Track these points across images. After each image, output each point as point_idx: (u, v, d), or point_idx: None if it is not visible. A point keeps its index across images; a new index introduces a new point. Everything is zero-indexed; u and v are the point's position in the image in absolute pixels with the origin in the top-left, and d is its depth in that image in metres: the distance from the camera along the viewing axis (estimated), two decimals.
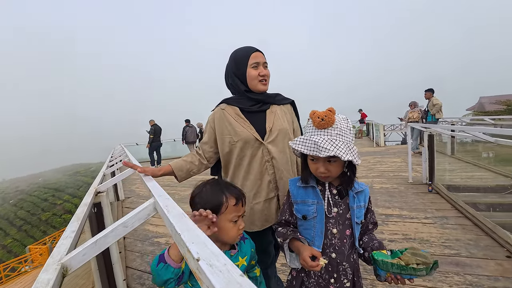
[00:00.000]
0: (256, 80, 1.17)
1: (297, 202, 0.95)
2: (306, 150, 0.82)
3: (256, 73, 1.15)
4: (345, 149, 0.78)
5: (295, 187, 0.96)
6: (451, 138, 6.03)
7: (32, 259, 10.94)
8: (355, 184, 0.92)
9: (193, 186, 0.98)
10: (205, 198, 0.87)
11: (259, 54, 1.17)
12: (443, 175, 4.51)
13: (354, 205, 0.89)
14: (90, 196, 1.41)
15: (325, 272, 0.90)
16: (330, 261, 0.89)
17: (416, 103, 7.32)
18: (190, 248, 0.39)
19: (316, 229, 0.89)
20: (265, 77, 1.17)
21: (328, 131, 0.82)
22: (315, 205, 0.90)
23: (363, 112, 13.36)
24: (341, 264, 0.90)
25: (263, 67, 1.17)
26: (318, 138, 0.81)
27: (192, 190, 0.95)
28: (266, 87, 1.20)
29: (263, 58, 1.18)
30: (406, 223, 2.71)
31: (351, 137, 0.85)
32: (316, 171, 0.86)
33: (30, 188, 31.33)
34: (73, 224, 0.94)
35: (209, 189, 0.90)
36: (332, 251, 0.89)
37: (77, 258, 0.67)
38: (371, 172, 5.20)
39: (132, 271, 2.37)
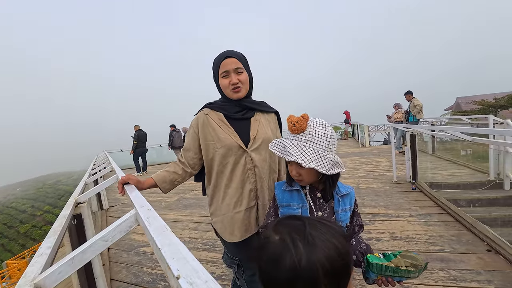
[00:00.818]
0: (228, 89, 1.13)
1: (282, 205, 0.94)
2: (277, 152, 0.85)
3: (226, 82, 1.12)
4: (311, 156, 0.79)
5: (280, 191, 0.96)
6: (432, 138, 6.27)
7: (10, 274, 10.32)
8: (340, 187, 0.92)
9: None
10: None
11: (229, 61, 1.10)
12: (425, 173, 4.68)
13: (339, 209, 0.89)
14: (69, 207, 1.35)
15: None
16: None
17: (399, 104, 7.62)
18: (170, 265, 0.37)
19: None
20: (237, 84, 1.12)
21: (299, 137, 0.84)
22: (300, 208, 0.90)
23: (347, 111, 13.57)
24: None
25: (234, 74, 1.11)
26: (288, 142, 0.84)
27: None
28: (240, 93, 1.14)
29: (235, 64, 1.10)
30: (392, 221, 2.77)
31: (327, 145, 0.82)
32: (291, 174, 0.89)
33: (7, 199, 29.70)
34: (49, 240, 0.89)
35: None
36: None
37: (52, 277, 0.63)
38: (358, 173, 5.30)
39: (117, 283, 2.27)
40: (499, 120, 4.70)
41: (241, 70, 1.12)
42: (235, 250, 1.20)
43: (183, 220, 3.73)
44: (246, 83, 1.14)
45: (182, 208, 4.30)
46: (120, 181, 1.08)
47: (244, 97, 1.18)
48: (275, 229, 0.52)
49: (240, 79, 1.12)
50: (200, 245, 2.80)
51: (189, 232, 3.23)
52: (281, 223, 0.55)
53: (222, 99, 1.22)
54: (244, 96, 1.17)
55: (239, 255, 1.21)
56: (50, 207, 25.83)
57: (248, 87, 1.17)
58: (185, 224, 3.54)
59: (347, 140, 13.33)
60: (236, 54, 1.12)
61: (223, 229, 1.17)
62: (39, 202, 27.32)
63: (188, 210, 4.18)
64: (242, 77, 1.12)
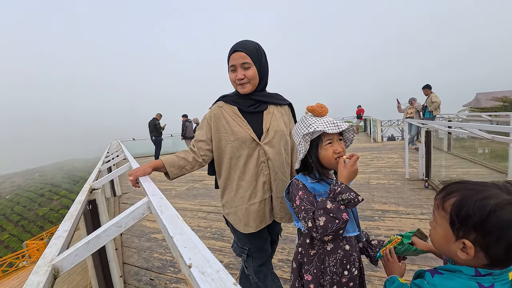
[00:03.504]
0: (235, 84, 1.13)
1: (320, 193, 0.92)
2: (331, 130, 0.88)
3: (233, 77, 1.11)
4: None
5: (309, 184, 0.93)
6: (448, 134, 6.06)
7: (29, 254, 10.93)
8: None
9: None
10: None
11: (237, 55, 1.08)
12: (439, 171, 4.54)
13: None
14: (84, 193, 1.39)
15: (340, 265, 0.89)
16: (345, 253, 0.89)
17: (414, 100, 7.34)
18: (182, 253, 0.37)
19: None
20: (243, 80, 1.10)
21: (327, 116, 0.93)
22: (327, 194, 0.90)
23: (361, 108, 13.36)
24: (352, 255, 0.91)
25: (241, 69, 1.09)
26: (328, 119, 0.91)
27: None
28: (246, 89, 1.12)
29: (242, 58, 1.07)
30: (402, 218, 2.72)
31: None
32: (334, 154, 0.89)
33: (26, 183, 31.15)
34: (66, 223, 0.92)
35: None
36: (346, 243, 0.90)
37: (69, 259, 0.66)
38: (368, 168, 5.22)
39: (129, 267, 2.37)
40: None
41: (248, 65, 1.08)
42: (245, 240, 1.22)
43: (193, 209, 3.81)
44: (253, 78, 1.11)
45: (191, 198, 4.38)
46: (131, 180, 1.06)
47: (257, 90, 1.17)
48: (510, 193, 0.53)
49: (246, 75, 1.09)
50: (208, 234, 2.86)
51: (198, 221, 3.29)
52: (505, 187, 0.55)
53: (235, 92, 1.22)
54: (252, 91, 1.15)
55: (249, 245, 1.23)
56: (67, 192, 26.96)
57: (256, 83, 1.14)
58: (194, 213, 3.61)
59: (358, 134, 13.11)
60: (245, 47, 1.08)
61: (237, 221, 1.18)
62: (56, 187, 28.54)
63: (197, 199, 4.26)
64: (249, 72, 1.09)
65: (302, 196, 0.88)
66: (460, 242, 0.55)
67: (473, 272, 0.54)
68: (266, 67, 1.16)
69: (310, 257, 0.92)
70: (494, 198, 0.52)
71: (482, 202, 0.52)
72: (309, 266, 0.91)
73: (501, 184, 0.55)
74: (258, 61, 1.11)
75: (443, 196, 0.60)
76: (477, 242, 0.53)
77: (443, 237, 0.59)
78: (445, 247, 0.60)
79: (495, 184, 0.55)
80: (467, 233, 0.54)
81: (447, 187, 0.61)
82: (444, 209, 0.59)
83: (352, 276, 0.90)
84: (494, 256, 0.52)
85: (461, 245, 0.55)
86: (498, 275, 0.53)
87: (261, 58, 1.13)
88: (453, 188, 0.59)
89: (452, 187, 0.60)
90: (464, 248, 0.54)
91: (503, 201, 0.51)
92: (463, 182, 0.60)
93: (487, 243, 0.52)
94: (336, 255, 0.89)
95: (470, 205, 0.53)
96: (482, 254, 0.53)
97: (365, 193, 3.62)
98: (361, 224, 2.67)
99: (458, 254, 0.56)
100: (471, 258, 0.54)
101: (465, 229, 0.54)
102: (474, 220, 0.52)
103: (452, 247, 0.57)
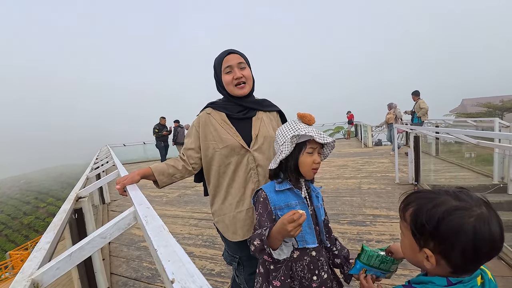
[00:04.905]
0: (231, 86, 1.12)
1: (281, 207, 0.92)
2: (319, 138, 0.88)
3: (230, 78, 1.11)
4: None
5: (274, 193, 0.94)
6: (436, 139, 6.21)
7: (13, 265, 10.48)
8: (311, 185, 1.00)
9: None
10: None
11: (232, 56, 1.10)
12: (428, 175, 4.64)
13: (318, 204, 0.96)
14: (70, 202, 1.35)
15: (307, 271, 0.92)
16: (311, 260, 0.92)
17: (392, 105, 7.59)
18: (166, 267, 0.36)
19: (304, 228, 0.90)
20: (241, 79, 1.11)
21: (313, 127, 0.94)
22: (300, 204, 0.92)
23: (351, 114, 13.60)
24: (319, 260, 0.93)
25: (237, 69, 1.10)
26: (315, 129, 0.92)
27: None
28: (245, 90, 1.13)
29: (238, 59, 1.10)
30: (393, 223, 2.75)
31: None
32: (312, 164, 0.91)
33: (11, 191, 30.07)
34: (49, 234, 0.89)
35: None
36: (312, 250, 0.93)
37: (50, 272, 0.63)
38: (360, 173, 5.27)
39: (117, 277, 2.29)
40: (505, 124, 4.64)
41: (244, 65, 1.12)
42: (236, 248, 1.20)
43: (184, 216, 3.75)
44: (249, 79, 1.14)
45: (183, 204, 4.32)
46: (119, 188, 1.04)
47: (245, 96, 1.17)
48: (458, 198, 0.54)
49: (244, 74, 1.12)
50: (200, 242, 2.81)
51: (190, 228, 3.24)
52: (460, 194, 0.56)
53: (223, 99, 1.22)
54: (248, 93, 1.16)
55: (240, 253, 1.21)
56: (53, 200, 26.14)
57: (251, 84, 1.17)
58: (185, 220, 3.55)
59: (349, 139, 13.28)
60: (237, 51, 1.13)
61: (225, 229, 1.17)
62: (42, 194, 27.65)
63: (189, 206, 4.20)
64: (246, 72, 1.13)
65: (260, 211, 0.93)
66: (423, 252, 0.56)
67: (445, 282, 0.55)
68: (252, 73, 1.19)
69: (277, 265, 0.93)
70: (442, 205, 0.53)
71: (433, 210, 0.54)
72: (277, 273, 0.92)
73: (451, 191, 0.57)
74: (249, 65, 1.16)
75: (403, 207, 0.62)
76: (436, 250, 0.53)
77: (410, 247, 0.60)
78: (413, 258, 0.61)
79: (446, 191, 0.57)
80: (426, 242, 0.55)
81: (406, 198, 0.63)
82: (405, 220, 0.60)
83: (322, 280, 0.92)
84: (454, 263, 0.53)
85: (425, 254, 0.55)
86: (467, 282, 0.54)
87: (249, 64, 1.17)
88: (411, 199, 0.61)
89: (410, 198, 0.61)
90: (428, 257, 0.55)
91: (451, 207, 0.53)
92: (419, 192, 0.61)
93: (444, 250, 0.53)
94: (302, 261, 0.92)
95: (423, 214, 0.55)
96: (444, 262, 0.53)
97: (357, 198, 3.65)
98: (352, 229, 2.69)
99: (425, 264, 0.56)
100: (436, 267, 0.55)
101: (424, 238, 0.55)
102: (428, 228, 0.53)
103: (418, 257, 0.58)
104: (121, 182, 1.03)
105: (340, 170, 5.77)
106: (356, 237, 2.53)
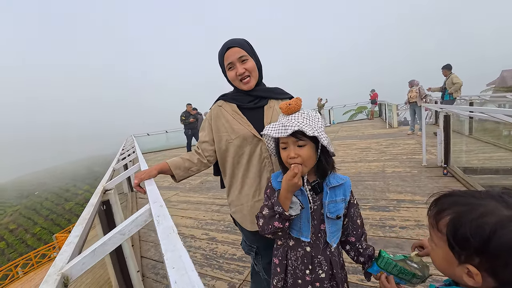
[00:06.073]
0: (237, 81, 1.11)
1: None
2: (273, 133, 0.82)
3: (233, 74, 1.09)
4: (311, 128, 0.80)
5: (276, 183, 0.94)
6: (469, 118, 5.75)
7: (59, 246, 11.70)
8: (331, 179, 0.90)
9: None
10: None
11: (231, 51, 1.06)
12: (459, 157, 4.35)
13: (326, 200, 0.88)
14: (97, 195, 1.44)
15: (301, 263, 0.92)
16: (305, 254, 0.91)
17: (414, 82, 6.98)
18: (170, 274, 0.37)
19: (303, 219, 0.90)
20: (245, 74, 1.08)
21: (296, 116, 0.84)
22: (299, 196, 0.90)
23: (375, 92, 12.89)
24: (316, 257, 0.91)
25: (239, 64, 1.07)
26: (285, 121, 0.83)
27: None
28: (250, 84, 1.11)
29: (237, 53, 1.06)
30: (419, 208, 2.64)
31: (321, 125, 0.86)
32: (288, 159, 0.84)
33: (52, 180, 32.99)
34: (78, 228, 0.95)
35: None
36: (307, 245, 0.91)
37: (77, 267, 0.68)
38: (383, 155, 5.08)
39: (147, 261, 2.47)
40: None
41: (245, 58, 1.08)
42: (253, 238, 1.22)
43: (206, 202, 3.89)
44: (254, 70, 1.10)
45: (205, 191, 4.47)
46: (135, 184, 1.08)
47: (256, 86, 1.14)
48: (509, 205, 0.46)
49: (246, 68, 1.08)
50: (222, 227, 2.91)
51: (212, 214, 3.36)
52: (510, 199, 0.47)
53: (234, 90, 1.20)
54: (255, 85, 1.13)
55: (257, 243, 1.22)
56: (89, 187, 28.36)
57: (257, 75, 1.13)
58: (207, 206, 3.68)
59: (373, 120, 12.71)
60: (237, 42, 1.08)
61: (243, 219, 1.19)
62: (79, 182, 30.03)
63: (211, 192, 4.34)
64: (248, 65, 1.08)
65: (266, 195, 0.96)
66: (464, 267, 0.48)
67: None
68: (258, 59, 1.14)
69: (277, 246, 0.99)
70: (492, 215, 0.44)
71: (480, 221, 0.45)
72: (277, 251, 0.99)
73: (497, 194, 0.47)
74: (252, 53, 1.11)
75: (435, 214, 0.53)
76: (483, 267, 0.46)
77: (445, 259, 0.52)
78: (448, 271, 0.54)
79: (490, 195, 0.48)
80: (469, 257, 0.47)
81: (438, 202, 0.54)
82: (439, 230, 0.52)
83: (317, 277, 0.91)
84: (505, 280, 0.46)
85: (466, 269, 0.48)
86: None
87: (253, 50, 1.12)
88: (445, 204, 0.52)
89: (444, 203, 0.52)
90: (470, 273, 0.48)
91: (503, 218, 0.44)
92: (455, 195, 0.52)
93: (494, 268, 0.45)
94: (296, 252, 0.92)
95: (467, 225, 0.46)
96: (491, 279, 0.46)
97: (380, 182, 3.53)
98: (374, 215, 2.63)
99: (465, 280, 0.49)
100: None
101: (466, 254, 0.47)
102: (473, 244, 0.45)
103: (456, 271, 0.50)
104: (139, 177, 1.07)
105: (363, 153, 5.59)
106: (379, 223, 2.47)
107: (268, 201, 0.92)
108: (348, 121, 15.46)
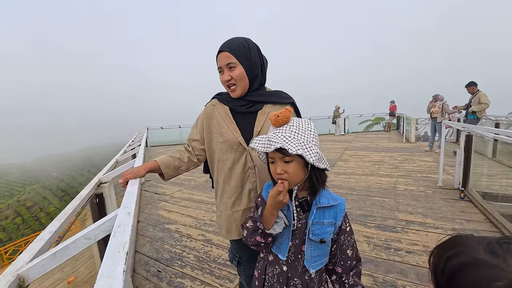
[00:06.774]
0: (225, 86, 1.06)
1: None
2: (259, 147, 0.77)
3: (221, 79, 1.04)
4: (297, 144, 0.73)
5: (267, 193, 0.89)
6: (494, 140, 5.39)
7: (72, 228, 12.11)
8: (323, 198, 0.82)
9: None
10: None
11: (221, 56, 1.00)
12: (479, 181, 4.06)
13: (310, 220, 0.81)
14: (89, 188, 1.41)
15: (276, 281, 0.87)
16: (281, 272, 0.85)
17: (438, 97, 6.61)
18: None
19: (284, 236, 0.84)
20: (230, 82, 1.02)
21: (283, 129, 0.79)
22: (285, 211, 0.84)
23: (394, 104, 12.42)
24: (292, 279, 0.84)
25: (226, 70, 1.01)
26: (272, 135, 0.78)
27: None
28: (236, 93, 1.04)
29: (226, 59, 0.99)
30: (429, 233, 2.46)
31: (312, 138, 0.79)
32: (275, 174, 0.80)
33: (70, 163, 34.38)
34: (54, 223, 0.91)
35: None
36: (284, 264, 0.85)
37: (35, 269, 0.63)
38: (397, 171, 4.84)
39: (140, 256, 2.44)
40: None
41: (233, 64, 0.99)
42: (237, 246, 1.18)
43: (208, 202, 3.84)
44: (240, 79, 1.01)
45: (208, 190, 4.43)
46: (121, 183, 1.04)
47: (251, 90, 1.07)
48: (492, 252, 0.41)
49: (232, 76, 1.00)
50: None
51: (211, 215, 3.31)
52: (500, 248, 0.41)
53: None
54: (242, 94, 1.06)
55: (241, 252, 1.18)
56: None
57: (244, 84, 1.03)
58: (209, 207, 3.64)
59: (390, 132, 12.28)
60: (229, 46, 0.99)
61: (220, 225, 1.16)
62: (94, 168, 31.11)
63: (213, 192, 4.28)
64: (235, 73, 1.00)
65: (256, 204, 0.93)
66: None
67: None
68: (258, 63, 1.04)
69: (259, 258, 0.97)
70: (463, 254, 0.41)
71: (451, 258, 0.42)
72: (258, 264, 0.96)
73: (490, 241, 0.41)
74: (246, 59, 1.00)
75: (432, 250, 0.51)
76: None
77: None
78: None
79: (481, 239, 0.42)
80: None
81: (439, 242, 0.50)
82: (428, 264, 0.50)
83: None
84: None
85: None
86: None
87: (250, 54, 1.02)
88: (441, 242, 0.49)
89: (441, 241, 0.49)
90: None
91: (473, 259, 0.39)
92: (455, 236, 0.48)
93: None
94: (274, 268, 0.88)
95: (441, 260, 0.44)
96: None
97: (390, 199, 3.35)
98: (380, 234, 2.48)
99: None
100: None
101: None
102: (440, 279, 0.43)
103: None
104: (125, 176, 1.03)
105: (375, 166, 5.37)
106: (384, 243, 2.32)
107: (255, 212, 0.88)
108: (363, 131, 15.03)
